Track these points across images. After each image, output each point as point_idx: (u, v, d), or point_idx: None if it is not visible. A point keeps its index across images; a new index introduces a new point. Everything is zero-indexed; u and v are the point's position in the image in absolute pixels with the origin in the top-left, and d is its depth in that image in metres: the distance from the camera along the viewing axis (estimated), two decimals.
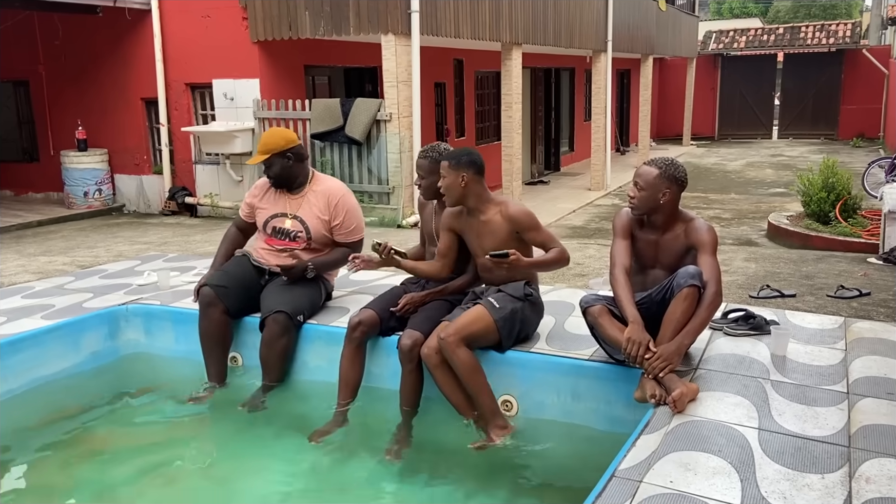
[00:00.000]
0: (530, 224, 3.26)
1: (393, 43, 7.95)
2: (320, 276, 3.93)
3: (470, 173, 3.24)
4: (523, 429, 3.26)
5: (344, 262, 3.82)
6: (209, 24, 8.84)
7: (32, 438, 3.36)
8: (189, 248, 6.44)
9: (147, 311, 4.23)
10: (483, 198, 3.31)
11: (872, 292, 4.35)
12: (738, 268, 5.15)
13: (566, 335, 3.49)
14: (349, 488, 3.01)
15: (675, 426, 2.57)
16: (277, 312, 3.61)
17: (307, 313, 3.79)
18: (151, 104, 9.53)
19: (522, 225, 3.24)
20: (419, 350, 3.29)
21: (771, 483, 2.22)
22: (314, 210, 3.86)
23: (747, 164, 17.01)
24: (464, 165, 3.23)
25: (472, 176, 3.25)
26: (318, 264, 3.84)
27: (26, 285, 4.85)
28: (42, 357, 3.81)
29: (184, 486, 3.06)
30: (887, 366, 3.03)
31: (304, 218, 3.86)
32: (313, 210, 3.86)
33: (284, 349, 3.68)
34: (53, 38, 9.77)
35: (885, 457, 2.31)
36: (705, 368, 3.07)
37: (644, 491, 2.18)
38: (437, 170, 3.39)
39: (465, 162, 3.24)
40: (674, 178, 3.00)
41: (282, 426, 3.48)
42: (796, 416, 2.65)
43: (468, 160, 3.26)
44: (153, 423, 3.58)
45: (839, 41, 21.72)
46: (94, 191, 9.66)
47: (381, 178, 8.34)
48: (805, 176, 8.88)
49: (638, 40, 15.73)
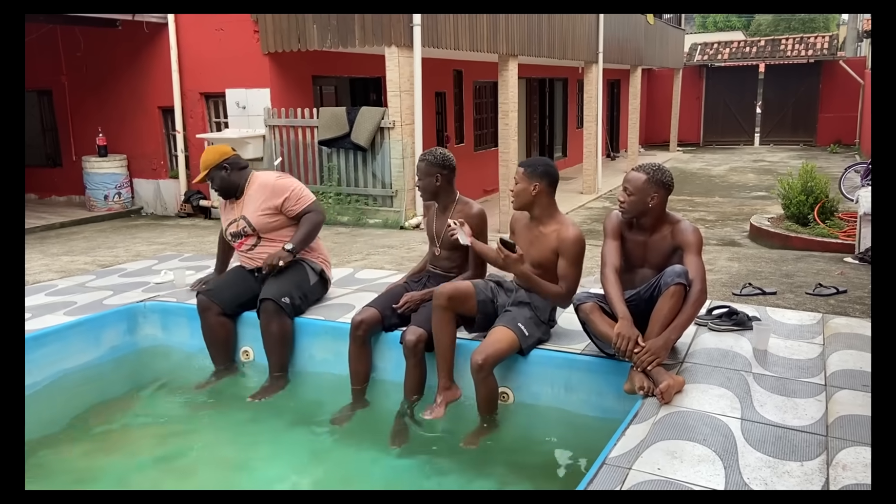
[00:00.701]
0: (570, 253, 3.14)
1: (396, 54, 7.95)
2: (300, 260, 3.94)
3: (543, 184, 3.17)
4: (520, 418, 3.27)
5: (315, 231, 3.98)
6: (222, 37, 8.84)
7: (57, 427, 3.37)
8: (203, 248, 6.44)
9: (163, 308, 4.23)
10: (548, 211, 3.23)
11: (849, 290, 4.35)
12: (722, 267, 5.16)
13: (559, 330, 3.50)
14: (354, 474, 3.01)
15: (662, 416, 2.58)
16: (263, 301, 3.71)
17: (295, 294, 3.81)
18: (168, 112, 9.53)
19: (564, 250, 3.15)
20: (422, 345, 3.30)
21: (753, 470, 2.23)
22: (254, 206, 3.91)
23: (731, 169, 17.01)
24: (538, 175, 3.17)
25: (543, 187, 3.18)
26: (295, 243, 3.88)
27: (50, 283, 4.86)
28: (65, 351, 3.82)
29: (198, 471, 3.07)
30: (862, 359, 3.04)
31: (246, 215, 3.92)
32: (253, 206, 3.92)
33: (279, 334, 3.72)
34: (75, 50, 9.77)
35: (860, 445, 2.31)
36: (691, 362, 3.07)
37: (633, 477, 2.19)
38: (433, 172, 3.48)
39: (540, 172, 3.18)
40: (661, 183, 3.00)
41: (290, 416, 3.48)
42: (777, 407, 2.66)
43: (543, 171, 3.18)
44: (168, 412, 3.58)
45: (817, 53, 21.74)
46: (114, 194, 9.67)
47: (384, 183, 8.34)
48: (785, 180, 8.89)
49: (627, 52, 15.73)
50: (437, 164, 3.55)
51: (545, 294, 3.20)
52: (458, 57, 10.75)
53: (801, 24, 35.21)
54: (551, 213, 3.24)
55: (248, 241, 3.95)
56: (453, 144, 12.05)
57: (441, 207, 3.64)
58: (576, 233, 3.15)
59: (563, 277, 3.17)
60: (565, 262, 3.16)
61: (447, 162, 3.57)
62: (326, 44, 8.27)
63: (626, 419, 2.66)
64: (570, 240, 3.14)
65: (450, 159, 3.59)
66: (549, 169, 3.22)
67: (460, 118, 12.54)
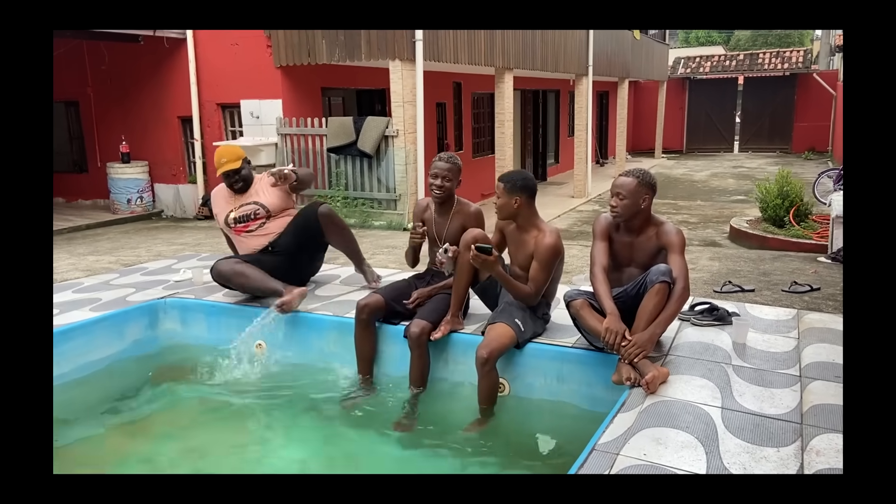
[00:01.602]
0: (542, 258, 3.15)
1: (399, 68, 7.95)
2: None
3: (523, 197, 3.17)
4: (516, 407, 3.27)
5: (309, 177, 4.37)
6: (238, 51, 8.84)
7: (83, 416, 3.37)
8: (220, 248, 6.44)
9: (182, 305, 4.23)
10: (530, 220, 3.23)
11: (822, 288, 4.35)
12: (704, 266, 5.16)
13: (552, 325, 3.50)
14: (362, 457, 3.02)
15: (648, 405, 2.58)
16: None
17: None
18: (186, 122, 9.53)
19: (537, 255, 3.16)
20: (426, 337, 3.31)
21: (732, 455, 2.23)
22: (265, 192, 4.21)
23: (712, 174, 17.00)
24: (518, 189, 3.16)
25: (524, 200, 3.18)
26: (300, 177, 4.19)
27: (76, 281, 4.85)
28: (90, 345, 3.82)
29: (215, 456, 3.07)
30: (835, 352, 3.04)
31: (260, 200, 4.18)
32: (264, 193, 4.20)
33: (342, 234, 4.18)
34: (100, 63, 9.77)
35: (832, 432, 2.31)
36: (675, 355, 3.07)
37: (621, 462, 2.19)
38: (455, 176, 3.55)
39: (519, 186, 3.16)
40: (649, 185, 3.02)
41: (301, 404, 3.48)
42: (755, 397, 2.66)
43: (522, 185, 3.17)
44: (187, 401, 3.58)
45: (793, 66, 21.74)
46: (136, 198, 9.67)
47: (388, 187, 8.35)
48: (762, 185, 8.89)
49: (615, 65, 15.73)
50: (459, 168, 3.60)
51: (514, 293, 3.21)
52: (457, 70, 10.75)
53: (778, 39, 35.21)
54: (533, 220, 3.24)
55: (257, 222, 4.17)
56: (453, 151, 12.05)
57: (442, 209, 3.62)
58: (552, 241, 3.13)
59: (533, 279, 3.17)
60: (537, 265, 3.16)
61: (457, 164, 3.61)
62: (334, 58, 8.27)
63: (614, 408, 2.66)
64: (544, 246, 3.13)
65: (457, 164, 3.62)
66: (527, 182, 3.20)
67: (459, 127, 12.53)
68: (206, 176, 9.43)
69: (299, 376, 3.74)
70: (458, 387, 3.35)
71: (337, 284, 4.49)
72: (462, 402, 3.21)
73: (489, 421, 3.10)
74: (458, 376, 3.36)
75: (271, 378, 3.74)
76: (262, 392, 3.61)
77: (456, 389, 3.35)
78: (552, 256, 3.14)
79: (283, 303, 3.75)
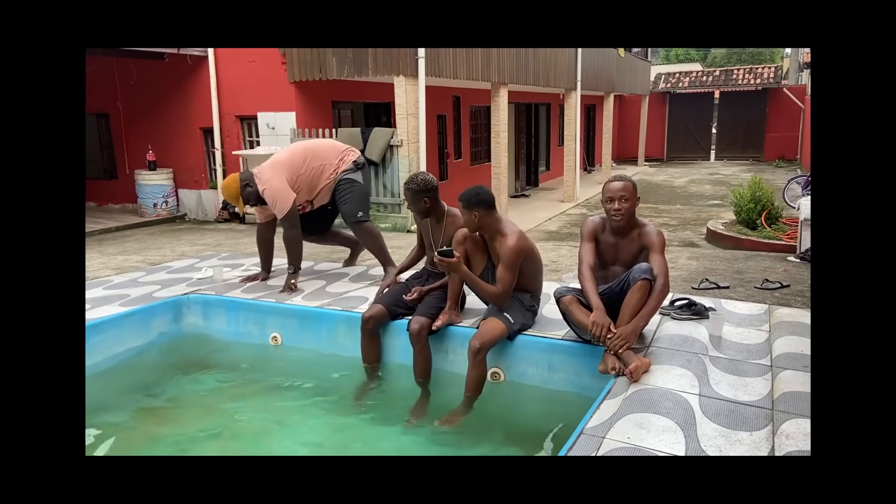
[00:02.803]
0: (506, 259, 3.12)
1: (403, 83, 7.95)
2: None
3: (481, 211, 3.14)
4: (510, 394, 3.27)
5: (286, 245, 4.41)
6: (255, 68, 8.84)
7: (114, 402, 3.37)
8: (238, 248, 6.44)
9: (204, 300, 4.24)
10: (495, 227, 3.20)
11: (791, 285, 4.35)
12: (683, 265, 5.15)
13: (543, 319, 3.50)
14: (371, 440, 3.02)
15: (631, 393, 2.58)
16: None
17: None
18: (208, 132, 9.52)
19: (503, 257, 3.14)
20: (426, 331, 3.31)
21: (709, 439, 2.23)
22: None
23: (690, 180, 16.99)
24: (473, 205, 3.13)
25: (482, 212, 3.14)
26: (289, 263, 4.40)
27: (107, 279, 4.86)
28: (120, 337, 3.83)
29: (235, 438, 3.07)
30: (803, 344, 3.04)
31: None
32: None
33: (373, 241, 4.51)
34: (129, 78, 9.77)
35: (801, 418, 2.31)
36: (656, 346, 3.07)
37: (606, 445, 2.19)
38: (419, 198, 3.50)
39: (474, 202, 3.13)
40: (636, 188, 3.03)
41: (313, 392, 3.48)
42: (730, 385, 2.66)
43: (476, 201, 3.12)
44: (209, 388, 3.58)
45: (764, 81, 21.73)
46: (162, 202, 9.66)
47: (393, 193, 8.34)
48: (737, 190, 8.89)
49: (601, 81, 15.72)
50: (421, 190, 3.50)
51: (482, 293, 3.21)
52: (456, 85, 10.75)
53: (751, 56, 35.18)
54: (497, 228, 3.20)
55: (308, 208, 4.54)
56: (453, 160, 12.04)
57: (435, 220, 3.63)
58: (513, 243, 3.10)
59: (499, 279, 3.14)
60: (502, 266, 3.14)
61: (429, 185, 3.51)
62: (344, 74, 8.27)
63: (600, 395, 2.66)
64: (507, 248, 3.10)
65: (430, 182, 3.52)
66: (480, 197, 3.13)
67: (458, 137, 12.53)
68: None
69: (312, 366, 3.74)
70: (458, 377, 3.34)
71: (345, 282, 4.50)
72: (461, 389, 3.22)
73: (466, 414, 3.04)
74: (457, 367, 3.36)
75: (286, 368, 3.74)
76: (278, 380, 3.62)
77: (456, 379, 3.34)
78: (515, 257, 3.11)
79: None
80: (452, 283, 3.40)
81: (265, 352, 3.95)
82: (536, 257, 3.30)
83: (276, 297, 4.08)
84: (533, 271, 3.29)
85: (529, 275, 3.27)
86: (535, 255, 3.27)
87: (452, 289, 3.41)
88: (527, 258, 3.19)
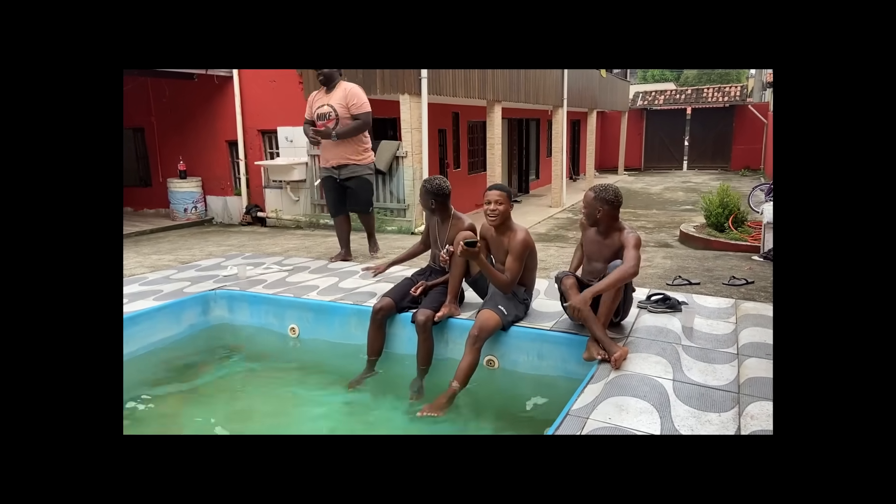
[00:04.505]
0: (515, 250, 3.18)
1: (408, 100, 7.94)
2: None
3: (509, 204, 3.26)
4: (504, 379, 3.27)
5: (355, 131, 4.90)
6: (275, 87, 8.84)
7: (149, 385, 3.37)
8: (260, 248, 6.43)
9: (230, 295, 4.24)
10: (506, 224, 3.27)
11: (755, 281, 4.35)
12: (658, 263, 5.15)
13: (533, 312, 3.50)
14: (378, 422, 3.02)
15: (612, 378, 2.58)
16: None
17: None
18: (233, 144, 9.52)
19: (512, 249, 3.19)
20: (430, 322, 3.31)
21: (682, 419, 2.23)
22: (337, 99, 4.91)
23: (665, 188, 16.98)
24: (510, 197, 3.26)
25: (509, 205, 3.26)
26: (339, 132, 4.83)
27: (142, 276, 4.86)
28: (154, 328, 3.83)
29: (255, 419, 3.08)
30: (766, 334, 3.04)
31: (332, 104, 4.91)
32: (336, 99, 4.91)
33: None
34: (162, 96, 9.76)
35: (764, 400, 2.32)
36: (634, 337, 3.07)
37: (590, 425, 2.19)
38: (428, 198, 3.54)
39: (511, 196, 3.26)
40: (604, 199, 3.08)
41: (325, 378, 3.48)
42: (700, 371, 2.66)
43: (512, 195, 3.27)
44: (234, 374, 3.59)
45: (731, 99, 21.72)
46: (191, 208, 9.65)
47: (399, 198, 8.34)
48: (707, 197, 8.89)
49: (585, 98, 15.71)
50: (431, 192, 3.55)
51: (493, 280, 3.22)
52: (455, 102, 10.74)
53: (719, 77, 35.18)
54: (510, 223, 3.28)
55: (331, 123, 4.89)
56: (452, 169, 12.03)
57: (440, 220, 3.65)
58: (522, 237, 3.17)
59: (508, 269, 3.19)
60: (511, 257, 3.19)
61: (438, 190, 3.54)
62: None
63: (584, 380, 2.66)
64: (517, 241, 3.17)
65: (441, 189, 3.55)
66: (512, 194, 3.30)
67: (457, 149, 12.52)
68: (248, 189, 9.42)
69: (326, 354, 3.74)
70: (456, 363, 3.34)
71: (356, 279, 4.50)
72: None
73: (448, 406, 2.94)
74: (456, 354, 3.36)
75: (303, 356, 3.74)
76: (295, 367, 3.62)
77: (454, 365, 3.34)
78: (523, 249, 3.18)
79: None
80: (453, 279, 3.40)
81: (284, 341, 3.95)
82: (535, 253, 3.35)
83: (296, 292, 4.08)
84: (531, 266, 3.34)
85: (528, 269, 3.31)
86: (535, 252, 3.33)
87: (453, 285, 3.41)
88: (531, 253, 3.26)
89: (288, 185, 8.91)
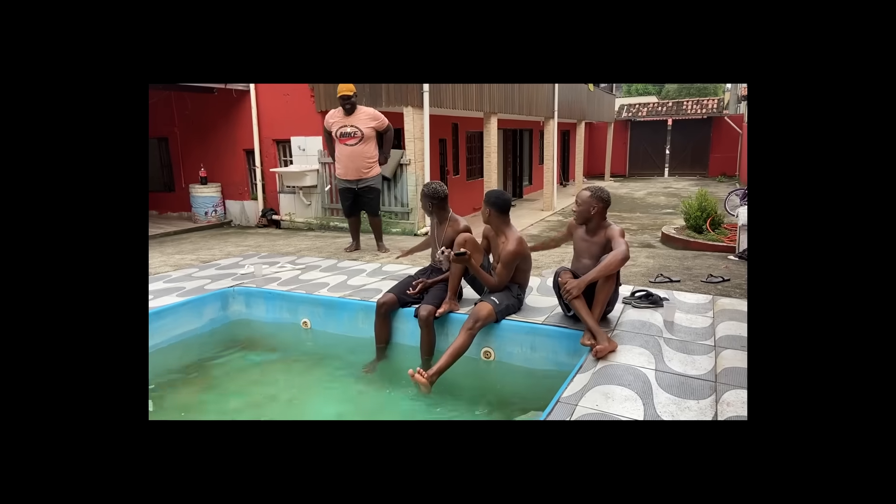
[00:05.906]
0: (504, 259, 3.19)
1: (411, 112, 7.94)
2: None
3: (493, 210, 3.22)
4: (499, 370, 3.27)
5: (391, 141, 5.49)
6: (289, 100, 8.84)
7: (172, 376, 3.38)
8: (275, 249, 6.43)
9: (247, 292, 4.24)
10: (500, 228, 3.25)
11: (731, 279, 4.35)
12: (641, 262, 5.15)
13: (526, 307, 3.50)
14: (383, 408, 3.02)
15: (599, 368, 2.58)
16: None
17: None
18: (250, 153, 9.52)
19: (502, 258, 3.20)
20: (432, 317, 3.31)
21: (664, 406, 2.23)
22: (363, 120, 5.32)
23: (648, 193, 16.98)
24: (491, 203, 3.22)
25: (494, 211, 3.22)
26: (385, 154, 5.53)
27: (165, 274, 4.86)
28: (177, 322, 3.83)
29: (271, 406, 3.07)
30: (741, 328, 3.04)
31: (357, 125, 5.29)
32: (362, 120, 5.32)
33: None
34: (184, 109, 9.76)
35: (739, 389, 2.32)
36: (620, 330, 3.07)
37: (579, 411, 2.19)
38: (427, 200, 3.56)
39: (492, 201, 3.22)
40: (599, 198, 3.07)
41: (334, 367, 3.48)
42: (681, 362, 2.66)
43: (492, 200, 3.21)
44: (250, 365, 3.59)
45: (709, 111, 21.72)
46: (212, 211, 9.65)
47: (403, 203, 8.33)
48: (686, 201, 8.88)
49: (574, 110, 15.70)
50: (428, 195, 3.57)
51: (484, 281, 3.25)
52: (455, 114, 10.74)
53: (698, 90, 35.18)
54: (503, 228, 3.26)
55: (354, 140, 5.31)
56: (452, 176, 12.03)
57: (438, 221, 3.66)
58: (511, 248, 3.16)
59: (497, 274, 3.23)
60: (500, 264, 3.22)
61: (435, 193, 3.57)
62: (362, 104, 8.25)
63: (573, 370, 2.66)
64: (507, 251, 3.17)
65: (437, 192, 3.57)
66: (497, 199, 3.21)
67: (457, 157, 12.51)
68: (264, 194, 9.42)
69: (336, 346, 3.74)
70: None
71: (363, 277, 4.50)
72: (459, 366, 3.21)
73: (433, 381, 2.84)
74: None
75: (315, 347, 3.74)
76: (307, 359, 3.61)
77: None
78: (512, 259, 3.19)
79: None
80: (453, 278, 3.40)
81: (297, 334, 3.95)
82: (529, 258, 3.35)
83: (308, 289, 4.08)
84: (524, 268, 3.34)
85: (521, 270, 3.32)
86: (528, 256, 3.32)
87: (452, 283, 3.42)
88: (522, 259, 3.26)
89: (301, 191, 8.91)
